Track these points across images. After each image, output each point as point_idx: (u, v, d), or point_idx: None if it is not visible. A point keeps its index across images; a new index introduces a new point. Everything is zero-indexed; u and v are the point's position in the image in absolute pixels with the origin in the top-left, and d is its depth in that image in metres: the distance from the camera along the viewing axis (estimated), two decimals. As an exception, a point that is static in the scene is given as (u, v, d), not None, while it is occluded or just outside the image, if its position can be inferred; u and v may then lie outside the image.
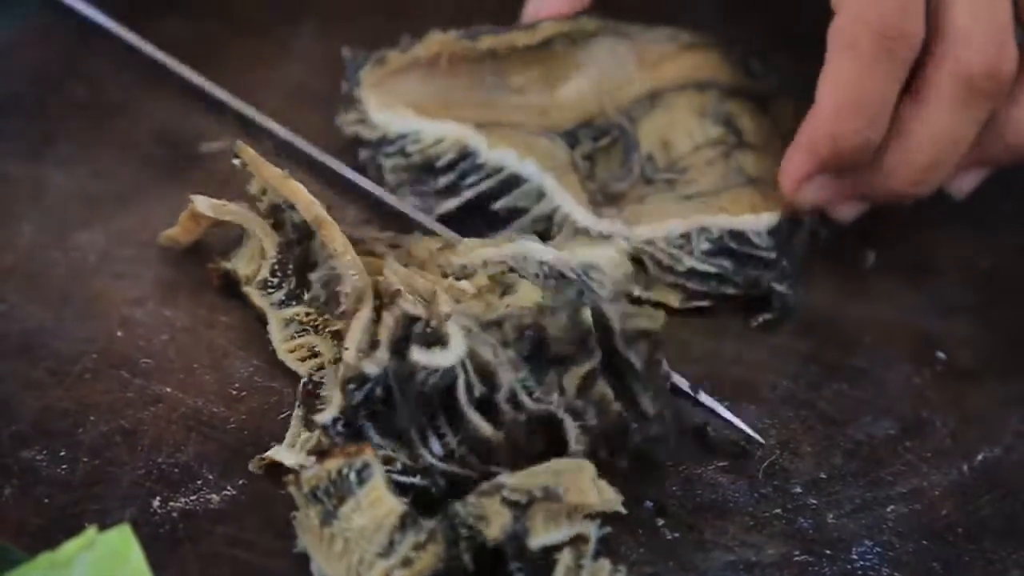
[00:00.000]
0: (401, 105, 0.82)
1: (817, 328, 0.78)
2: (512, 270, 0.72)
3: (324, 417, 0.66)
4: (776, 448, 0.71)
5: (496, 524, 0.60)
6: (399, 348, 0.66)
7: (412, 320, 0.66)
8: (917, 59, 0.75)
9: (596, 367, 0.67)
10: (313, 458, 0.64)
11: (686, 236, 0.78)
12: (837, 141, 0.76)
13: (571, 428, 0.66)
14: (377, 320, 0.68)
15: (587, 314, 0.67)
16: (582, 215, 0.79)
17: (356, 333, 0.68)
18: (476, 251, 0.74)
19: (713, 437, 0.71)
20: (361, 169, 0.82)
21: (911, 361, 0.77)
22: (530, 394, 0.66)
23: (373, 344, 0.67)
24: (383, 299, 0.69)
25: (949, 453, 0.72)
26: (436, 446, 0.66)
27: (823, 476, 0.70)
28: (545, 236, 0.77)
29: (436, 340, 0.65)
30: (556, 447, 0.66)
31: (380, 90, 0.83)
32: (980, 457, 0.72)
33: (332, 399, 0.67)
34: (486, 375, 0.65)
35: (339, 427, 0.66)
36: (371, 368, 0.65)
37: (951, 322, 0.79)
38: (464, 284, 0.71)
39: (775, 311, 0.77)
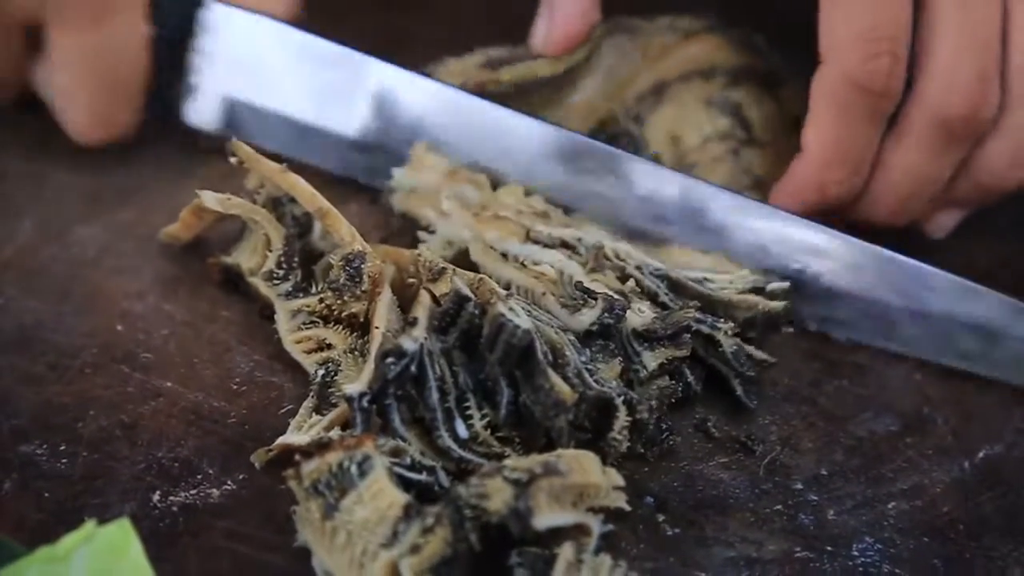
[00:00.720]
0: None
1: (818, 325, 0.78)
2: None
3: (352, 388, 0.65)
4: (777, 444, 0.71)
5: (498, 499, 0.60)
6: (446, 325, 0.67)
7: (463, 299, 0.67)
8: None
9: (680, 357, 0.70)
10: (327, 432, 0.64)
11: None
12: (823, 189, 0.78)
13: (621, 416, 0.67)
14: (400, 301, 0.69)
15: (690, 313, 0.71)
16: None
17: (383, 311, 0.68)
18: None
19: (714, 433, 0.71)
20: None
21: (912, 358, 0.77)
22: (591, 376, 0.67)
23: (409, 323, 0.67)
24: (420, 278, 0.70)
25: (950, 450, 0.72)
26: (461, 429, 0.66)
27: (824, 472, 0.70)
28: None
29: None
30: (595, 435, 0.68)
31: None
32: (981, 454, 0.72)
33: (362, 374, 0.67)
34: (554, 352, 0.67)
35: (364, 402, 0.65)
36: (409, 344, 0.65)
37: (952, 319, 0.79)
38: (545, 262, 0.73)
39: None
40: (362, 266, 0.70)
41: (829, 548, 0.66)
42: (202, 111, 0.83)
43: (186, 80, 0.83)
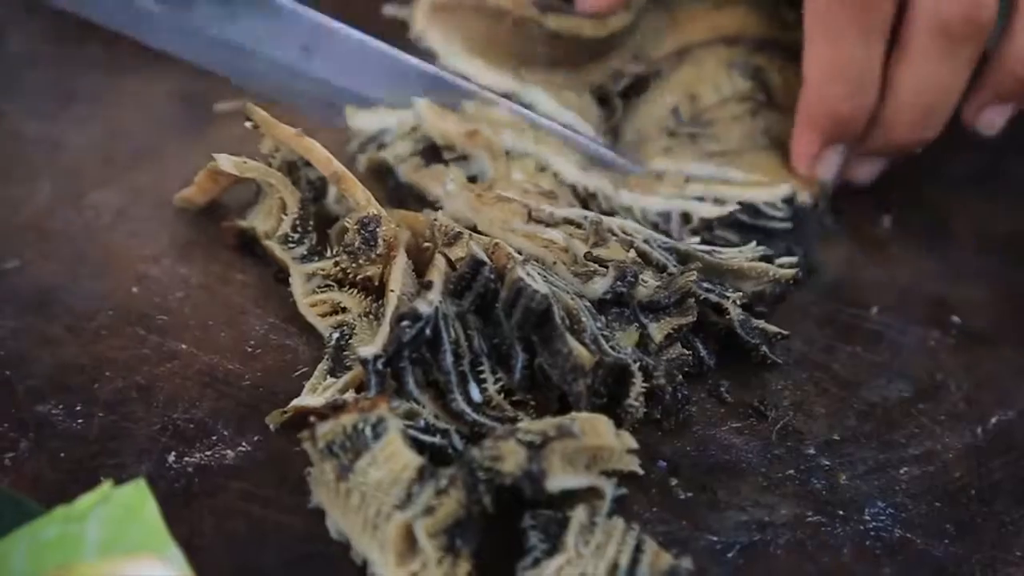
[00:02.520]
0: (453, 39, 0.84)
1: (832, 291, 0.78)
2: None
3: (367, 351, 0.65)
4: (790, 410, 0.71)
5: (512, 461, 0.60)
6: (461, 289, 0.67)
7: (479, 263, 0.67)
8: (898, 13, 0.77)
9: (687, 325, 0.70)
10: (342, 394, 0.65)
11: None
12: (832, 112, 0.78)
13: (637, 383, 0.67)
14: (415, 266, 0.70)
15: (691, 277, 0.70)
16: (570, 172, 0.79)
17: (398, 275, 0.68)
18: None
19: (727, 398, 0.71)
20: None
21: (926, 325, 0.77)
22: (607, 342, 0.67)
23: (424, 286, 0.67)
24: (436, 243, 0.70)
25: (963, 416, 0.72)
26: (475, 392, 0.66)
27: (836, 438, 0.70)
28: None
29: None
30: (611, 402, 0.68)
31: (437, 15, 0.84)
32: (994, 420, 0.72)
33: (376, 337, 0.67)
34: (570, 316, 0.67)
35: (379, 364, 0.66)
36: (424, 307, 0.66)
37: (966, 286, 0.79)
38: (553, 233, 0.73)
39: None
40: (377, 230, 0.70)
41: (841, 512, 0.67)
42: None
43: None
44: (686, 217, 0.77)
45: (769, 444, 0.70)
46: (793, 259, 0.75)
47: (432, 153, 0.80)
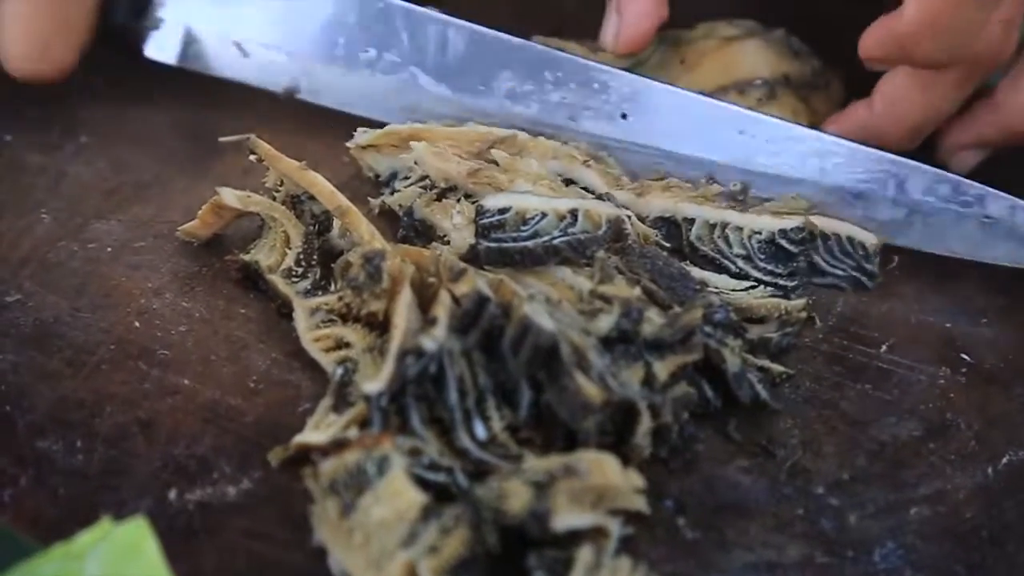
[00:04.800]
0: None
1: (841, 329, 0.77)
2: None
3: (372, 387, 0.65)
4: (798, 448, 0.71)
5: (517, 501, 0.60)
6: (466, 325, 0.66)
7: (483, 299, 0.66)
8: None
9: (692, 363, 0.69)
10: (345, 431, 0.64)
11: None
12: (908, 49, 0.78)
13: (645, 420, 0.66)
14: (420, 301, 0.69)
15: (697, 314, 0.69)
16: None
17: (403, 310, 0.68)
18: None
19: (735, 436, 0.71)
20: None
21: (936, 363, 0.76)
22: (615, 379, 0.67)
23: (429, 322, 0.67)
24: (440, 278, 0.69)
25: (973, 455, 0.71)
26: (480, 429, 0.65)
27: (846, 477, 0.70)
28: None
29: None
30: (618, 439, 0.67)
31: None
32: (1005, 460, 0.71)
33: (380, 372, 0.66)
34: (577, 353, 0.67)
35: (383, 401, 0.65)
36: (429, 344, 0.65)
37: (976, 324, 0.78)
38: (563, 272, 0.73)
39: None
40: (382, 264, 0.69)
41: (850, 553, 0.66)
42: (162, 44, 0.84)
43: (145, 12, 0.83)
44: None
45: (777, 483, 0.69)
46: (801, 302, 0.75)
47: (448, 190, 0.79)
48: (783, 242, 0.76)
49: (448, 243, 0.76)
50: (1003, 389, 0.75)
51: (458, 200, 0.77)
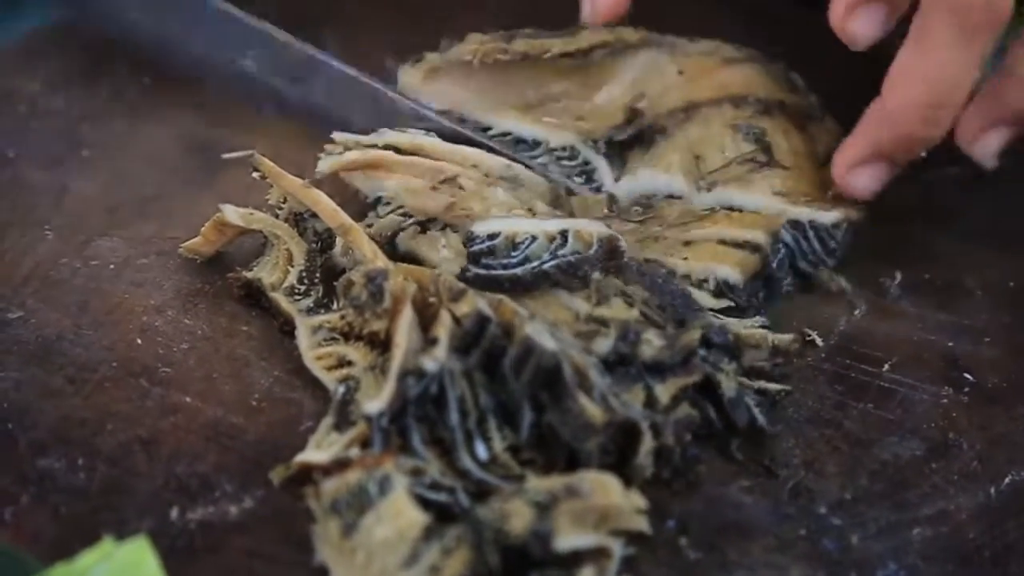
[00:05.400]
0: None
1: (843, 348, 0.77)
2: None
3: (372, 407, 0.65)
4: (801, 468, 0.71)
5: (519, 521, 0.60)
6: (467, 346, 0.66)
7: (484, 320, 0.66)
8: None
9: (691, 384, 0.69)
10: (347, 450, 0.64)
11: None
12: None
13: (647, 441, 0.66)
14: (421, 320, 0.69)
15: (695, 335, 0.69)
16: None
17: (404, 329, 0.67)
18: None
19: (737, 456, 0.71)
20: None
21: (938, 382, 0.76)
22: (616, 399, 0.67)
23: (428, 342, 0.66)
24: (441, 298, 0.69)
25: (976, 476, 0.71)
26: (481, 450, 0.65)
27: (848, 497, 0.69)
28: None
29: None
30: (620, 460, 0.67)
31: (419, 90, 0.85)
32: (1007, 480, 0.71)
33: (381, 392, 0.66)
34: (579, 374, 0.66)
35: (384, 421, 0.65)
36: (430, 364, 0.65)
37: (979, 344, 0.78)
38: (559, 294, 0.72)
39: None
40: (384, 284, 0.69)
41: (853, 574, 0.66)
42: None
43: None
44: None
45: (780, 503, 0.69)
46: (790, 337, 0.75)
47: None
48: (729, 293, 0.77)
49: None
50: (1006, 409, 0.75)
51: (442, 229, 0.76)
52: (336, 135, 0.78)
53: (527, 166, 0.81)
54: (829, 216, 0.80)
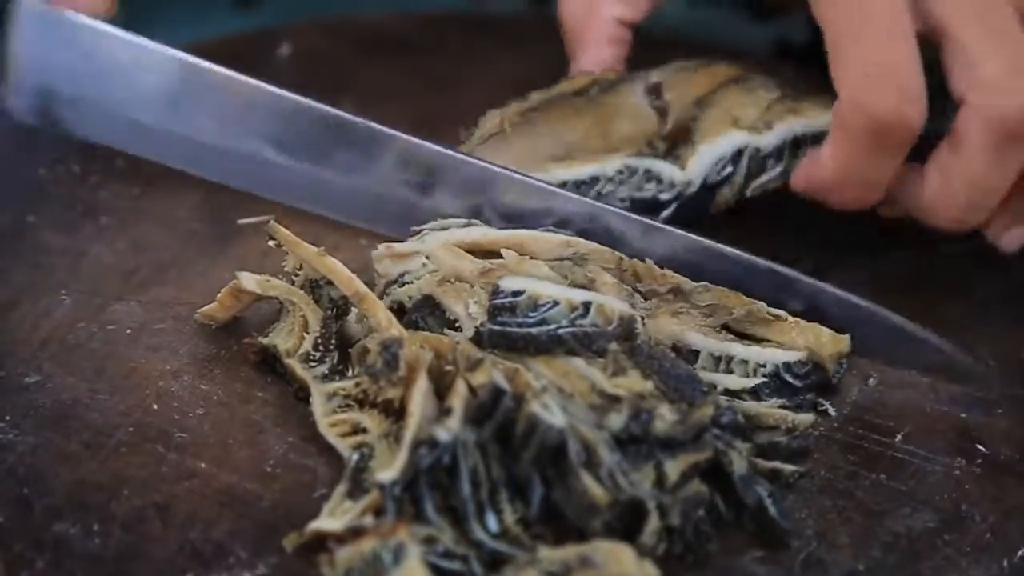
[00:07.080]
0: None
1: (856, 418, 0.77)
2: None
3: (386, 476, 0.65)
4: (813, 539, 0.70)
5: None
6: (481, 417, 0.66)
7: (499, 392, 0.66)
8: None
9: (702, 461, 0.68)
10: (361, 518, 0.64)
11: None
12: (838, 198, 0.82)
13: (653, 520, 0.66)
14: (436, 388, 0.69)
15: (708, 411, 0.69)
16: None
17: (419, 398, 0.68)
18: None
19: (750, 526, 0.70)
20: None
21: (951, 454, 0.76)
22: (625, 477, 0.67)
23: (443, 411, 0.67)
24: (458, 367, 0.69)
25: (989, 548, 0.71)
26: (492, 521, 0.65)
27: (861, 568, 0.69)
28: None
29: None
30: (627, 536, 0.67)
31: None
32: (1020, 553, 0.71)
33: (395, 462, 0.66)
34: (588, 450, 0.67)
35: (397, 490, 0.65)
36: (443, 435, 0.65)
37: (991, 415, 0.78)
38: (574, 362, 0.72)
39: None
40: (399, 352, 0.70)
41: (866, 646, 0.66)
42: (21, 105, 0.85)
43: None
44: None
45: (792, 574, 0.69)
46: (810, 418, 0.75)
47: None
48: (787, 376, 0.77)
49: (458, 327, 0.76)
50: (1018, 480, 0.75)
51: (472, 286, 0.76)
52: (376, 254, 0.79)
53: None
54: None
